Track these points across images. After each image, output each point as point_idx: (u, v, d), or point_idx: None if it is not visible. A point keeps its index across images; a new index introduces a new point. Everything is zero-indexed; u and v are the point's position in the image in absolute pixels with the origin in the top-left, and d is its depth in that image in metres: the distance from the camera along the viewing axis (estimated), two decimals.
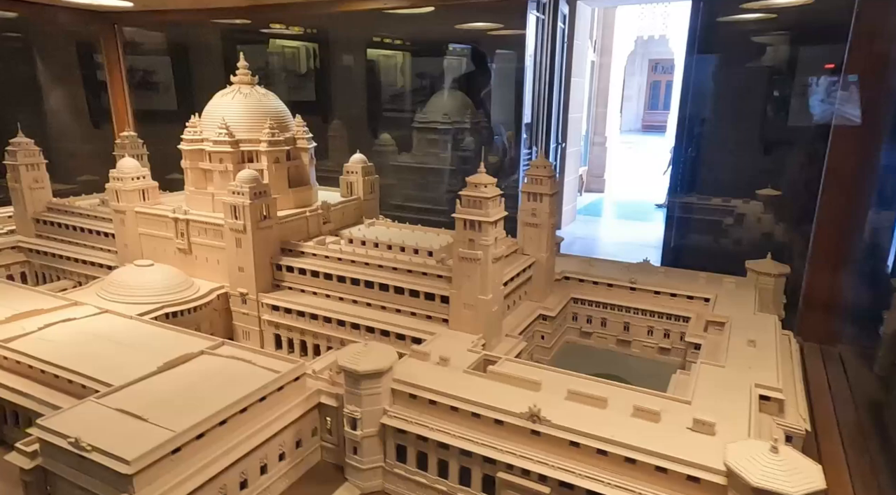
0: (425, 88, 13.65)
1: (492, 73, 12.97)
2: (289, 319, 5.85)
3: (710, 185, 12.81)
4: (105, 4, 8.13)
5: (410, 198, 7.93)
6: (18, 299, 5.51)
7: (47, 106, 12.52)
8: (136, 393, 4.03)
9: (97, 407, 3.83)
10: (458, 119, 10.64)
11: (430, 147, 10.73)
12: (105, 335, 4.97)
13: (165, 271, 5.97)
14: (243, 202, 5.70)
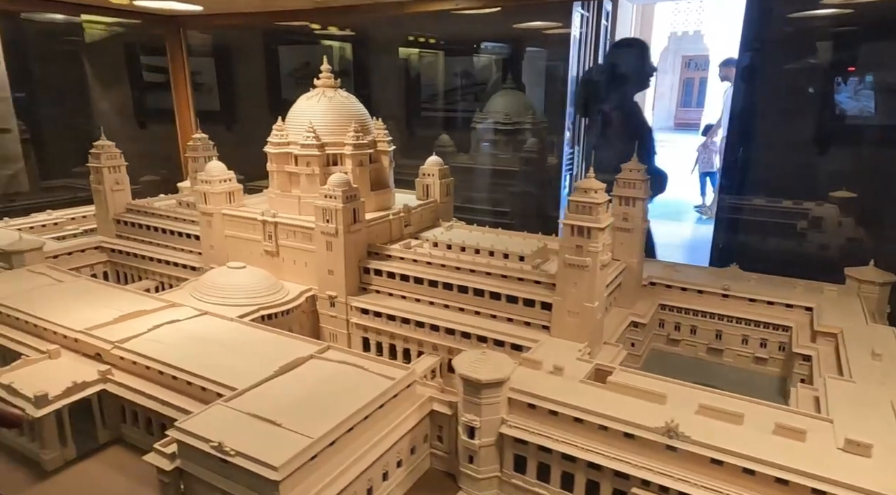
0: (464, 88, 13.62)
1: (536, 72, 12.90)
2: (378, 323, 5.87)
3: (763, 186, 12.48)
4: (176, 9, 8.25)
5: (471, 200, 7.91)
6: (118, 299, 5.62)
7: (97, 107, 12.81)
8: (260, 396, 4.07)
9: (227, 410, 3.88)
10: (519, 119, 10.57)
11: (490, 148, 10.68)
12: (210, 337, 5.04)
13: (257, 273, 6.04)
14: (336, 206, 5.73)
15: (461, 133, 12.57)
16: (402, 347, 5.77)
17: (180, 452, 3.62)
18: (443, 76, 13.84)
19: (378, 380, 4.30)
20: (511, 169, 10.34)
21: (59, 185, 11.23)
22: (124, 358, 4.69)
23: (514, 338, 5.16)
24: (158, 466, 3.60)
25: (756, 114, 12.83)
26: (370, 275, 6.10)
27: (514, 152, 10.59)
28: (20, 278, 6.06)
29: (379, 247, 6.18)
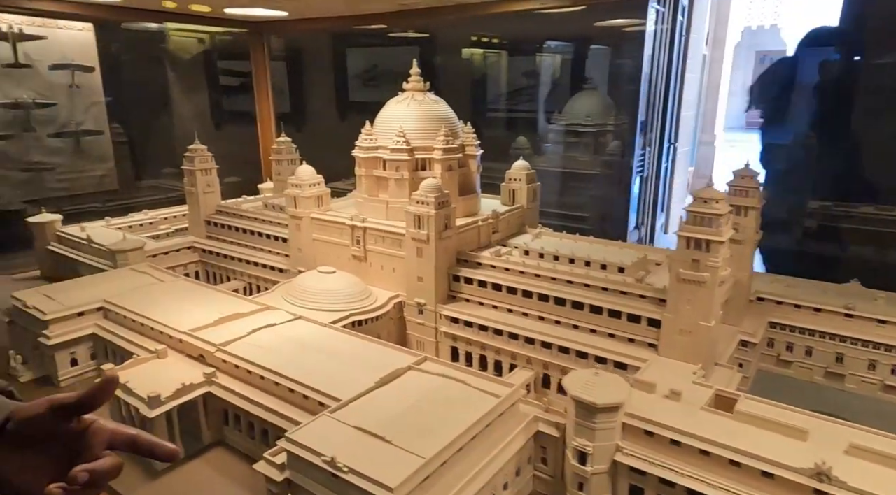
0: (530, 88, 13.30)
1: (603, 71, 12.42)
2: (469, 332, 5.73)
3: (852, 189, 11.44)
4: (263, 15, 8.39)
5: (547, 204, 7.63)
6: (216, 301, 5.72)
7: (179, 110, 13.36)
8: (363, 409, 4.00)
9: (333, 422, 3.83)
10: (601, 121, 10.18)
11: (569, 150, 10.35)
12: (307, 342, 5.04)
13: (347, 279, 6.03)
14: (428, 212, 5.63)
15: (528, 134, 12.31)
16: (493, 359, 5.60)
17: (290, 463, 3.60)
18: (509, 76, 13.61)
19: (481, 397, 4.15)
20: (591, 172, 9.96)
21: (152, 185, 11.80)
22: (227, 361, 4.75)
23: (617, 355, 4.87)
24: (268, 476, 3.59)
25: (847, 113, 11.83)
26: (460, 283, 5.96)
27: (594, 155, 10.20)
28: (125, 277, 6.30)
29: (469, 254, 6.04)
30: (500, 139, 10.38)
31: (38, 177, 10.18)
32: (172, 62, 13.31)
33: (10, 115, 9.69)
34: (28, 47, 9.63)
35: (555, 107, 12.61)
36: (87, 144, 10.97)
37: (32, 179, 10.08)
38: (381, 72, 15.16)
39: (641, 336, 5.06)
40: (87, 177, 10.91)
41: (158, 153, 13.07)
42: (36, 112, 9.96)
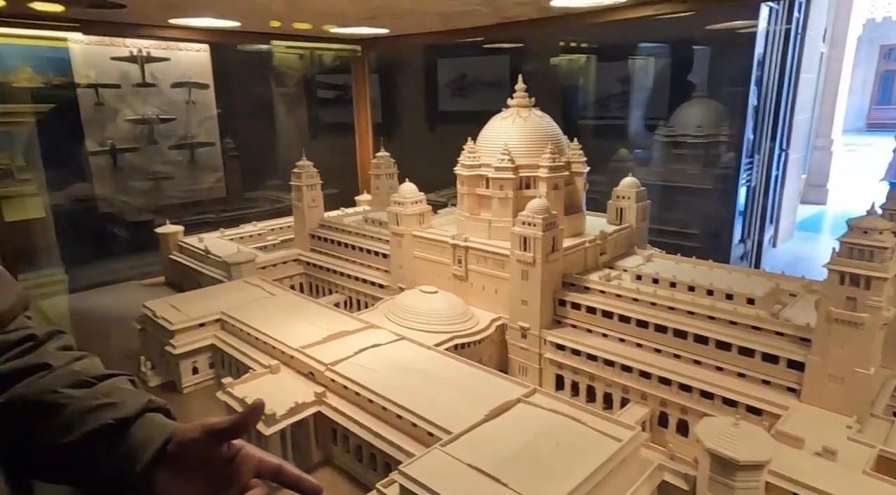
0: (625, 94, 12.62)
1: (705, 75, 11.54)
2: (576, 361, 5.43)
3: None
4: (364, 33, 8.53)
5: (653, 220, 7.12)
6: (322, 317, 5.80)
7: (281, 123, 14.00)
8: (474, 444, 3.86)
9: (445, 457, 3.72)
10: (713, 131, 9.46)
11: (676, 162, 9.71)
12: (412, 366, 4.97)
13: (450, 299, 5.93)
14: (535, 234, 5.40)
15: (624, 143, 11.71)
16: (602, 390, 5.26)
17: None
18: (602, 83, 13.05)
19: (600, 439, 3.86)
20: (702, 186, 9.24)
21: (258, 196, 12.48)
22: (335, 381, 4.80)
23: (751, 399, 4.37)
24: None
25: None
26: (566, 308, 5.68)
27: (705, 168, 9.48)
28: (240, 289, 6.57)
29: (576, 277, 5.74)
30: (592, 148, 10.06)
31: (159, 185, 11.04)
32: (276, 77, 14.07)
33: (138, 129, 10.54)
34: (153, 68, 10.46)
35: (652, 113, 11.93)
36: (201, 155, 11.78)
37: (154, 188, 10.95)
38: (470, 81, 15.12)
39: (779, 378, 4.48)
40: (199, 185, 11.72)
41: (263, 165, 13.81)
42: (159, 126, 10.80)
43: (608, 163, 10.71)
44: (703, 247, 8.39)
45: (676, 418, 4.79)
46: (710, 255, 6.17)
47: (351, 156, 11.38)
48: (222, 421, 1.77)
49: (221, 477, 1.76)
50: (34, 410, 1.75)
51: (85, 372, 1.91)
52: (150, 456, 1.71)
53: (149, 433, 1.76)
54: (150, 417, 1.83)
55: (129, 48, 9.55)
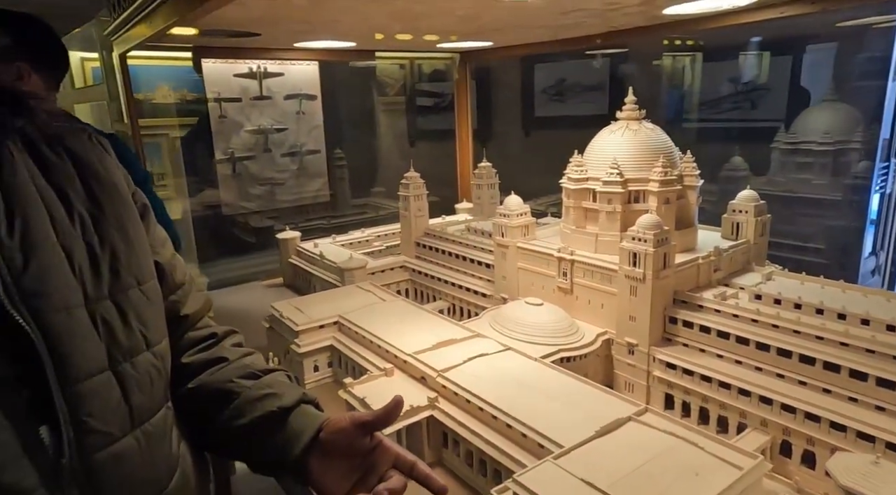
0: (737, 94, 11.85)
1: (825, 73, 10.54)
2: (687, 381, 5.29)
3: None
4: (470, 47, 8.76)
5: (772, 233, 6.68)
6: (431, 324, 6.06)
7: (382, 132, 14.60)
8: (586, 458, 3.92)
9: (557, 469, 3.82)
10: (843, 137, 8.73)
11: (799, 171, 9.03)
12: (520, 377, 5.09)
13: (556, 312, 6.00)
14: (646, 250, 5.33)
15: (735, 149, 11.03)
16: (716, 413, 5.09)
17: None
18: (709, 83, 12.37)
19: (720, 466, 3.78)
20: (829, 197, 8.52)
21: (363, 204, 13.21)
22: (447, 387, 5.04)
23: (890, 435, 4.06)
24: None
25: None
26: (677, 326, 5.55)
27: (833, 177, 8.74)
28: (354, 294, 7.01)
29: (688, 295, 5.59)
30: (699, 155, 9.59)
31: (272, 191, 11.93)
32: (377, 87, 14.75)
33: (254, 139, 11.42)
34: (269, 82, 11.32)
35: (769, 116, 11.21)
36: (308, 162, 12.56)
37: (268, 193, 11.86)
38: (567, 86, 14.96)
39: None
40: (306, 191, 12.55)
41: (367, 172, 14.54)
42: (273, 136, 11.68)
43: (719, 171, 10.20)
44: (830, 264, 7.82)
45: (801, 448, 4.53)
46: (838, 269, 5.74)
47: (449, 163, 11.69)
48: (369, 414, 2.03)
49: (364, 464, 1.98)
50: (215, 396, 2.11)
51: (253, 366, 2.24)
52: (306, 442, 1.98)
53: (304, 422, 2.05)
54: (304, 408, 2.13)
55: (248, 65, 10.51)
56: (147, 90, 10.04)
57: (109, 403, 1.50)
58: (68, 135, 1.73)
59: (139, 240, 1.76)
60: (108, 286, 1.56)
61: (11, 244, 1.40)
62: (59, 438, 1.38)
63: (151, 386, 1.67)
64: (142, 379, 1.61)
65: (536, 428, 4.36)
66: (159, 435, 1.69)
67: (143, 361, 1.63)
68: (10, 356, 1.33)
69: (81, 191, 1.63)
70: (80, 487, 1.41)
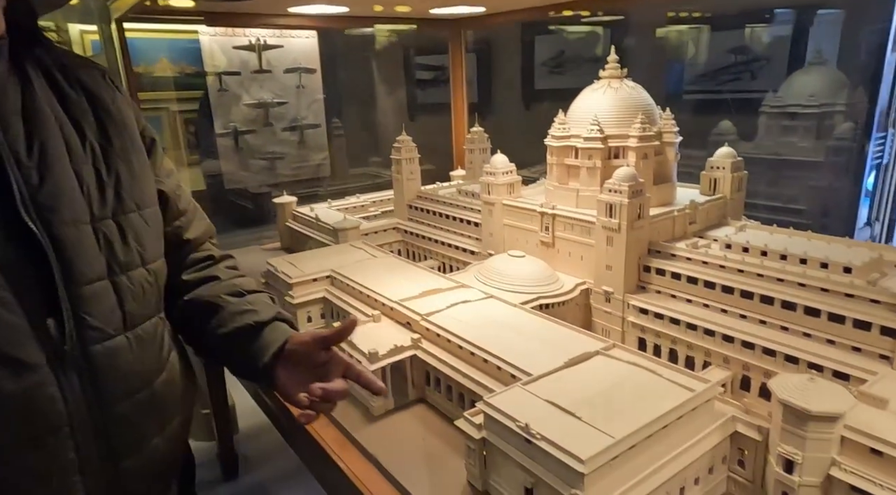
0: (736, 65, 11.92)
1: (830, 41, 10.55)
2: (658, 325, 5.57)
3: None
4: (462, 13, 8.90)
5: (756, 195, 6.87)
6: (418, 277, 6.32)
7: (380, 104, 14.72)
8: (553, 386, 4.22)
9: (525, 393, 4.13)
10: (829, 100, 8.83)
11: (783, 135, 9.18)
12: (498, 320, 5.39)
13: (535, 263, 6.27)
14: (621, 200, 5.58)
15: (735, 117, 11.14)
16: (684, 354, 5.37)
17: (486, 425, 3.99)
18: (712, 54, 12.40)
19: (674, 389, 4.07)
20: (812, 159, 8.66)
21: (361, 173, 13.45)
22: (430, 330, 5.35)
23: (838, 364, 4.31)
24: (467, 433, 4.04)
25: None
26: (650, 274, 5.81)
27: (817, 140, 8.87)
28: (346, 251, 7.29)
29: (662, 244, 5.85)
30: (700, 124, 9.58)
31: (273, 164, 12.14)
32: (377, 60, 14.81)
33: (255, 113, 11.56)
34: (269, 55, 11.42)
35: (768, 86, 11.27)
36: (309, 136, 12.72)
37: (269, 167, 12.06)
38: (567, 58, 14.96)
39: (871, 345, 4.36)
40: (307, 164, 12.73)
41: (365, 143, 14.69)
42: (273, 110, 11.80)
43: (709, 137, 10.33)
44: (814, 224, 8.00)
45: (760, 382, 4.81)
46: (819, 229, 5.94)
47: (447, 135, 11.89)
48: (327, 331, 2.48)
49: (320, 372, 2.39)
50: (204, 308, 2.48)
51: (240, 285, 2.66)
52: (274, 351, 2.37)
53: (275, 336, 2.44)
54: (277, 324, 2.53)
55: (248, 37, 10.61)
56: (147, 63, 10.16)
57: (106, 306, 1.75)
58: (82, 69, 1.93)
59: (143, 171, 2.01)
60: (111, 208, 1.80)
61: (30, 163, 1.62)
62: (63, 330, 1.64)
63: (144, 297, 1.93)
64: (136, 290, 1.87)
65: (510, 360, 4.66)
66: (149, 339, 1.97)
67: (137, 275, 1.89)
68: (26, 260, 1.57)
69: (94, 124, 1.86)
70: (79, 372, 1.68)
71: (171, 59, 10.66)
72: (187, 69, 10.89)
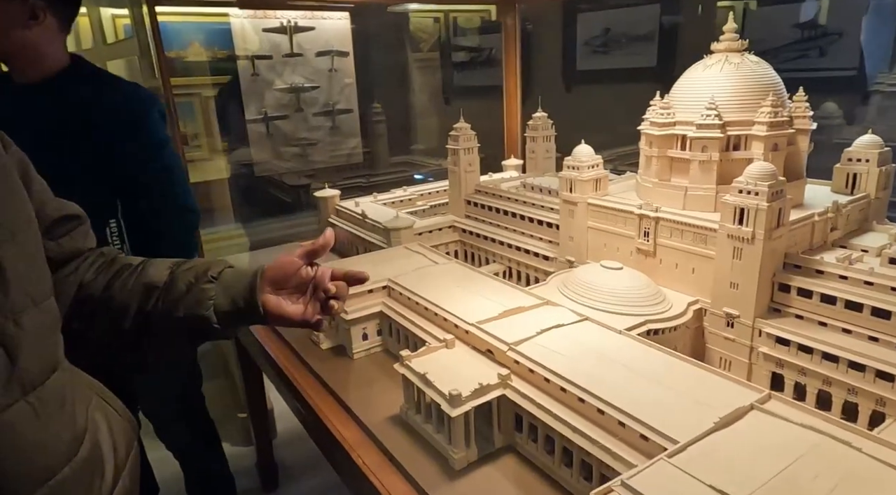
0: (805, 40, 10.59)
1: None
2: (804, 360, 4.48)
3: None
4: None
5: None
6: (493, 290, 5.36)
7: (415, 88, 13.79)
8: (705, 457, 3.21)
9: (673, 470, 3.12)
10: None
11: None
12: (602, 351, 4.38)
13: (636, 277, 5.21)
14: (757, 204, 4.46)
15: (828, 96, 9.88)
16: (841, 400, 4.30)
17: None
18: (775, 29, 11.06)
19: (880, 471, 3.03)
20: None
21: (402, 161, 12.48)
22: (519, 363, 4.37)
23: None
24: None
25: None
26: (788, 295, 4.72)
27: None
28: (403, 256, 6.38)
29: (803, 258, 4.72)
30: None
31: (304, 151, 11.41)
32: (411, 42, 13.89)
33: (286, 98, 10.87)
34: (300, 38, 10.66)
35: (842, 63, 9.99)
36: (341, 121, 12.00)
37: (301, 154, 11.32)
38: (613, 36, 13.74)
39: None
40: (339, 151, 11.99)
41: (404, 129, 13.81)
42: (305, 95, 11.04)
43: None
44: None
45: None
46: None
47: (488, 121, 10.81)
48: (309, 244, 2.36)
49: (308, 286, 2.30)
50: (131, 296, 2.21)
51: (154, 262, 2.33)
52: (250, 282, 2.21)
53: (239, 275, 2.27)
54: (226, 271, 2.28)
55: (278, 19, 9.73)
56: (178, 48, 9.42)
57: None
58: None
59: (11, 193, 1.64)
60: None
61: None
62: None
63: (42, 346, 1.58)
64: (28, 338, 1.50)
65: (637, 415, 3.67)
66: (57, 398, 1.58)
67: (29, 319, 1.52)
68: None
69: None
70: None
71: (202, 43, 9.91)
72: (219, 53, 10.17)
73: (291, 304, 2.12)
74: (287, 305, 2.11)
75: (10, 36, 2.86)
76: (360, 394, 4.82)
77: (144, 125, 3.87)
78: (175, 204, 4.34)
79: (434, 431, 4.31)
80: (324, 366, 5.20)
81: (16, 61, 3.09)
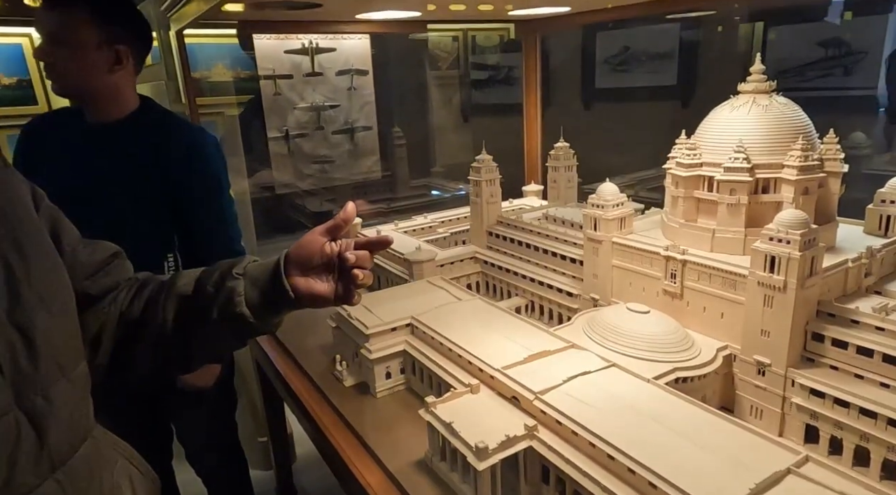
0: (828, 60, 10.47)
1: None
2: (840, 414, 4.37)
3: None
4: (546, 13, 7.78)
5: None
6: (518, 331, 5.33)
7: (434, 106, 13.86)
8: None
9: None
10: None
11: None
12: (631, 402, 4.31)
13: (664, 322, 5.14)
14: (790, 253, 4.38)
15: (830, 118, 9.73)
16: (880, 456, 4.19)
17: None
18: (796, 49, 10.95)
19: None
20: None
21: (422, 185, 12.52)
22: (546, 413, 4.32)
23: None
24: None
25: None
26: (823, 344, 4.62)
27: None
28: (426, 291, 6.37)
29: (837, 306, 4.62)
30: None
31: (323, 168, 11.51)
32: (430, 60, 14.02)
33: (307, 116, 11.02)
34: (321, 58, 10.83)
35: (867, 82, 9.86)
36: (360, 139, 12.14)
37: (320, 171, 11.43)
38: (632, 54, 13.73)
39: None
40: (357, 169, 12.11)
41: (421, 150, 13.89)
42: (325, 113, 11.19)
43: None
44: None
45: None
46: None
47: (507, 140, 10.79)
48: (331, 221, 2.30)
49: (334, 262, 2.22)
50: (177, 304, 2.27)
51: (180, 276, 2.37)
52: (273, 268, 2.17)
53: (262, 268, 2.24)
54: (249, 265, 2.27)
55: (300, 40, 9.92)
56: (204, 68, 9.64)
57: (21, 448, 1.36)
58: None
59: (44, 256, 1.64)
60: (5, 309, 1.41)
61: None
62: None
63: (71, 419, 1.56)
64: (58, 412, 1.49)
65: (669, 477, 3.60)
66: (85, 471, 1.57)
67: (57, 393, 1.51)
68: None
69: None
70: None
71: (226, 65, 10.16)
72: (242, 74, 10.39)
73: (322, 282, 2.08)
74: (317, 284, 2.07)
75: (96, 81, 2.98)
76: (384, 436, 4.80)
77: (209, 167, 4.03)
78: (225, 246, 4.48)
79: (460, 481, 4.27)
80: (347, 403, 5.19)
81: (97, 103, 3.16)
